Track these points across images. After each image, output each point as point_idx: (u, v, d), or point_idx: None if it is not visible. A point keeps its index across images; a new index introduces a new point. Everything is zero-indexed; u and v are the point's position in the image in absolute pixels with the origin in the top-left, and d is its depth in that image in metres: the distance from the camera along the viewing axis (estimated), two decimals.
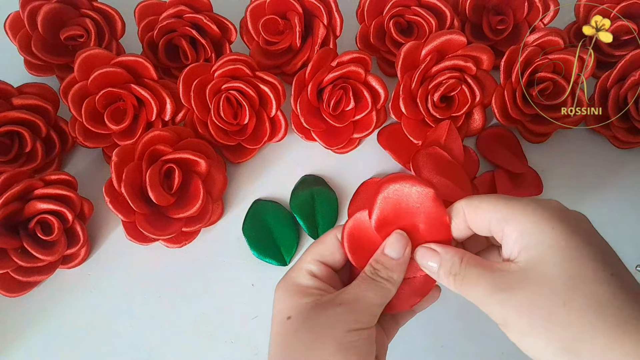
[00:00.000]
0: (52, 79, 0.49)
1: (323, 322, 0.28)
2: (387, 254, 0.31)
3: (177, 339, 0.43)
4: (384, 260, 0.30)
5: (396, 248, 0.30)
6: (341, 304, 0.29)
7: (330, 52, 0.46)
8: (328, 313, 0.28)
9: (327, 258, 0.31)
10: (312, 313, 0.29)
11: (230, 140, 0.46)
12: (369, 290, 0.30)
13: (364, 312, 0.29)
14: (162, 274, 0.45)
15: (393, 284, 0.30)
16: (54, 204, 0.41)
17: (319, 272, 0.31)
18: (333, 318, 0.28)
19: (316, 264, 0.31)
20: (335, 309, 0.29)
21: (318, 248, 0.32)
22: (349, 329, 0.28)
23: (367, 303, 0.29)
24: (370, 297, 0.29)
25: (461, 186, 0.44)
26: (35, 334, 0.43)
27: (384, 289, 0.30)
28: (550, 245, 0.26)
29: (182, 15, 0.47)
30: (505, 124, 0.47)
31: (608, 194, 0.48)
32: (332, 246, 0.32)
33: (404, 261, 0.30)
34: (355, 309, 0.29)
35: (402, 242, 0.31)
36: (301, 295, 0.30)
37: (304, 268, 0.31)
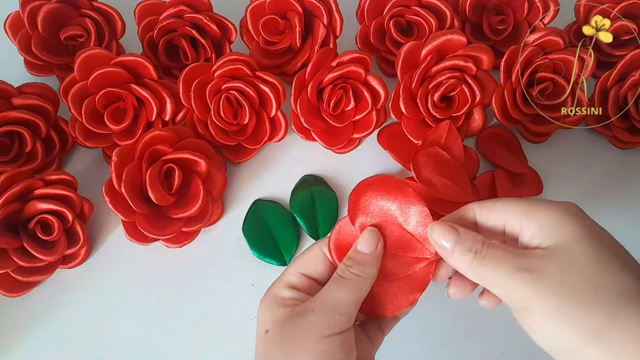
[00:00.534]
0: (52, 79, 0.49)
1: (296, 332, 0.28)
2: (360, 250, 0.30)
3: (177, 339, 0.43)
4: (355, 256, 0.30)
5: (368, 243, 0.30)
6: (313, 310, 0.28)
7: (330, 52, 0.46)
8: (301, 322, 0.28)
9: (309, 270, 0.31)
10: (286, 324, 0.28)
11: (230, 140, 0.46)
12: (339, 289, 0.29)
13: (336, 314, 0.28)
14: (162, 274, 0.45)
15: (365, 279, 0.30)
16: (54, 204, 0.41)
17: (300, 284, 0.31)
18: (305, 326, 0.28)
19: (297, 275, 0.31)
20: (307, 316, 0.28)
21: (301, 260, 0.32)
22: (322, 336, 0.27)
23: (338, 303, 0.29)
24: (341, 297, 0.29)
25: (461, 186, 0.44)
26: (35, 334, 0.43)
27: (354, 285, 0.29)
28: (576, 233, 0.26)
29: (182, 15, 0.47)
30: (505, 124, 0.47)
31: (608, 194, 0.48)
32: (316, 258, 0.31)
33: (376, 256, 0.30)
34: (327, 312, 0.28)
35: (374, 237, 0.31)
36: (278, 307, 0.29)
37: (285, 280, 0.31)
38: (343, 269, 0.30)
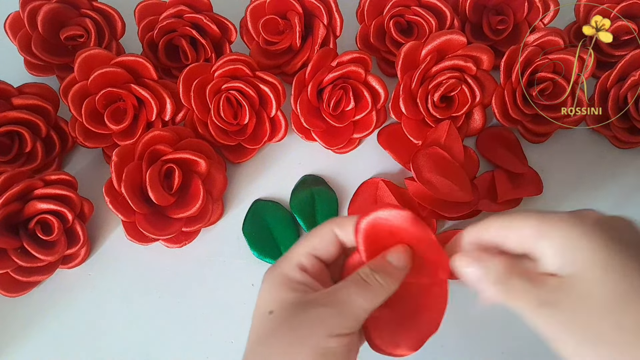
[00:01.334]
0: (52, 79, 0.49)
1: (304, 323, 0.27)
2: (390, 261, 0.29)
3: (177, 339, 0.43)
4: (385, 265, 0.29)
5: (401, 258, 0.29)
6: (325, 305, 0.27)
7: (330, 52, 0.46)
8: (311, 313, 0.27)
9: (320, 252, 0.30)
10: (294, 311, 0.27)
11: (230, 140, 0.46)
12: (358, 294, 0.28)
13: (349, 317, 0.27)
14: (162, 274, 0.45)
15: (386, 291, 0.29)
16: (54, 204, 0.41)
17: (310, 266, 0.29)
18: (315, 320, 0.27)
19: (308, 257, 0.30)
20: (319, 309, 0.27)
21: (313, 241, 0.30)
22: (330, 334, 0.26)
23: (354, 307, 0.28)
24: (359, 302, 0.28)
25: (461, 186, 0.45)
26: (35, 334, 0.43)
27: (375, 293, 0.28)
28: (590, 261, 0.24)
29: (182, 15, 0.47)
30: (505, 124, 0.47)
31: (608, 193, 0.48)
32: (328, 239, 0.30)
33: (404, 274, 0.29)
34: (341, 313, 0.27)
35: (408, 253, 0.30)
36: (287, 290, 0.28)
37: (295, 260, 0.29)
38: (368, 274, 0.29)
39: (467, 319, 0.43)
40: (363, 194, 0.47)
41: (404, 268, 0.29)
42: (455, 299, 0.42)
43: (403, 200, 0.46)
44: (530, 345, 0.43)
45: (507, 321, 0.44)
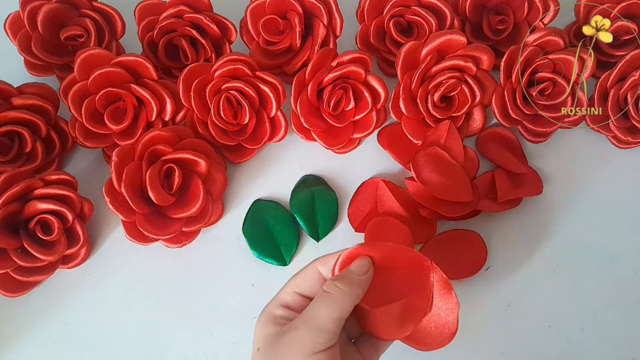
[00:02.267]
0: (52, 79, 0.49)
1: (281, 350, 0.28)
2: (350, 270, 0.31)
3: (176, 338, 0.43)
4: (344, 274, 0.31)
5: (360, 266, 0.32)
6: (297, 327, 0.29)
7: (330, 52, 0.46)
8: (285, 339, 0.29)
9: (304, 289, 0.32)
10: (274, 342, 0.29)
11: (230, 140, 0.46)
12: (322, 305, 0.29)
13: (320, 331, 0.28)
14: (162, 274, 0.45)
15: (349, 296, 0.30)
16: (54, 204, 0.41)
17: (293, 303, 0.31)
18: (290, 344, 0.28)
19: (292, 294, 0.31)
20: (292, 333, 0.29)
21: (296, 279, 0.32)
22: (307, 353, 0.27)
23: (320, 319, 0.29)
24: (324, 312, 0.29)
25: (461, 186, 0.45)
26: (35, 334, 0.43)
27: (338, 300, 0.30)
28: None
29: (182, 15, 0.47)
30: (505, 124, 0.47)
31: (608, 193, 0.48)
32: (311, 278, 0.32)
33: (365, 279, 0.31)
34: (309, 329, 0.28)
35: (367, 262, 0.32)
36: (270, 325, 0.30)
37: (280, 299, 0.31)
38: (329, 284, 0.30)
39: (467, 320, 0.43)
40: (363, 194, 0.47)
41: (364, 273, 0.31)
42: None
43: (403, 200, 0.46)
44: (530, 345, 0.43)
45: (507, 321, 0.44)
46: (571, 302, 0.44)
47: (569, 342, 0.43)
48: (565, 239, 0.46)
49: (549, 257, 0.46)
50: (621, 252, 0.46)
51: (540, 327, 0.43)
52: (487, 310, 0.44)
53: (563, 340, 0.43)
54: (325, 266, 0.32)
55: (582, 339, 0.43)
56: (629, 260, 0.46)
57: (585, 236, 0.47)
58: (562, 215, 0.47)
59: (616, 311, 0.44)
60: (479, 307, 0.44)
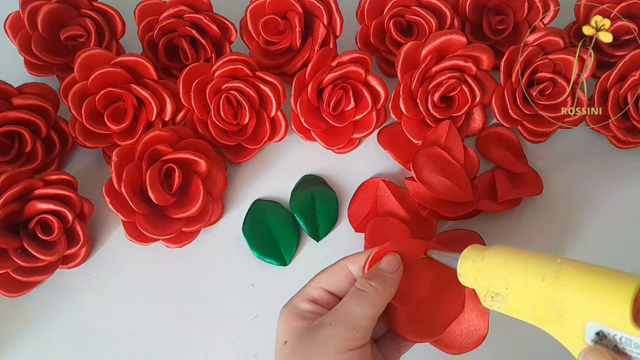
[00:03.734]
0: (52, 79, 0.49)
1: (314, 346, 0.28)
2: (381, 268, 0.31)
3: (176, 338, 0.43)
4: (377, 272, 0.31)
5: (391, 264, 0.32)
6: (331, 323, 0.29)
7: (330, 52, 0.46)
8: (319, 335, 0.28)
9: (331, 286, 0.32)
10: (304, 337, 0.29)
11: (230, 140, 0.46)
12: (356, 303, 0.30)
13: (355, 328, 0.28)
14: (161, 274, 0.45)
15: (383, 294, 0.30)
16: (54, 204, 0.41)
17: (320, 298, 0.31)
18: (324, 340, 0.28)
19: (318, 290, 0.32)
20: (325, 330, 0.28)
21: (323, 275, 0.32)
22: (339, 350, 0.28)
23: (355, 317, 0.29)
24: (359, 311, 0.29)
25: (461, 186, 0.45)
26: (35, 334, 0.43)
27: (372, 299, 0.30)
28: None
29: (182, 15, 0.47)
30: (505, 124, 0.47)
31: (608, 193, 0.48)
32: (339, 275, 0.32)
33: (397, 277, 0.31)
34: (344, 326, 0.28)
35: (397, 259, 0.32)
36: (297, 319, 0.30)
37: (305, 293, 0.32)
38: (362, 282, 0.30)
39: None
40: (363, 194, 0.47)
41: (395, 271, 0.31)
42: None
43: (403, 200, 0.46)
44: (530, 346, 0.43)
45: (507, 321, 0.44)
46: None
47: None
48: (565, 239, 0.46)
49: None
50: (621, 252, 0.46)
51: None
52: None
53: None
54: (355, 264, 0.32)
55: None
56: (628, 260, 0.46)
57: (585, 236, 0.47)
58: (562, 215, 0.47)
59: None
60: None
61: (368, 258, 0.32)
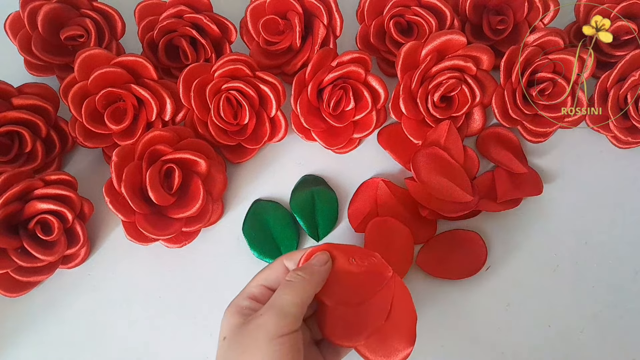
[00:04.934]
0: (52, 79, 0.49)
1: (248, 336, 0.30)
2: (310, 262, 0.34)
3: (176, 338, 0.43)
4: (306, 265, 0.33)
5: (320, 258, 0.34)
6: (262, 314, 0.30)
7: (330, 52, 0.46)
8: (252, 326, 0.30)
9: (271, 282, 0.33)
10: (240, 330, 0.30)
11: (230, 140, 0.46)
12: (285, 292, 0.31)
13: (284, 315, 0.30)
14: (162, 274, 0.45)
15: (310, 282, 0.32)
16: (54, 204, 0.41)
17: (260, 295, 0.33)
18: (256, 330, 0.30)
19: (258, 287, 0.33)
20: (257, 320, 0.30)
21: (263, 274, 0.34)
22: (272, 337, 0.29)
23: (284, 305, 0.31)
24: (286, 298, 0.31)
25: (461, 186, 0.45)
26: (35, 334, 0.43)
27: (299, 287, 0.32)
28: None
29: (182, 15, 0.47)
30: (505, 124, 0.47)
31: (608, 193, 0.48)
32: (276, 271, 0.34)
33: (324, 270, 0.34)
34: (274, 314, 0.30)
35: (326, 256, 0.34)
36: (237, 316, 0.31)
37: (246, 291, 0.33)
38: (291, 274, 0.33)
39: (467, 319, 0.43)
40: (363, 194, 0.47)
41: (323, 264, 0.34)
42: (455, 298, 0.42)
43: (403, 200, 0.46)
44: (530, 346, 0.43)
45: (507, 321, 0.44)
46: (571, 302, 0.44)
47: (569, 342, 0.43)
48: (565, 239, 0.46)
49: (549, 257, 0.46)
50: (621, 252, 0.46)
51: (540, 327, 0.43)
52: (487, 310, 0.44)
53: (563, 340, 0.43)
54: (291, 261, 0.34)
55: (582, 339, 0.43)
56: (629, 260, 0.46)
57: (585, 236, 0.47)
58: (562, 215, 0.47)
59: (616, 311, 0.44)
60: (479, 307, 0.44)
61: (303, 256, 0.34)
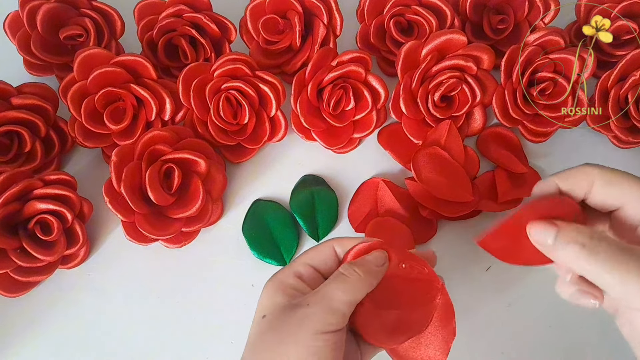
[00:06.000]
0: (51, 78, 0.49)
1: (290, 324, 0.28)
2: (367, 259, 0.31)
3: (176, 339, 0.43)
4: (362, 262, 0.31)
5: (379, 256, 0.32)
6: (309, 304, 0.29)
7: (330, 52, 0.46)
8: (297, 314, 0.28)
9: (318, 264, 0.32)
10: (282, 314, 0.29)
11: (230, 140, 0.46)
12: (338, 287, 0.29)
13: (331, 311, 0.28)
14: (161, 274, 0.45)
15: (364, 282, 0.30)
16: (53, 204, 0.41)
17: (306, 275, 0.31)
18: (300, 320, 0.28)
19: (305, 266, 0.32)
20: (304, 309, 0.28)
21: (311, 253, 0.32)
22: (317, 332, 0.27)
23: (334, 300, 0.29)
24: (337, 294, 0.29)
25: (461, 186, 0.44)
26: (35, 334, 0.43)
27: (353, 285, 0.30)
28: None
29: (182, 15, 0.47)
30: (505, 124, 0.47)
31: None
32: (325, 253, 0.32)
33: (380, 270, 0.32)
34: (323, 308, 0.28)
35: (384, 256, 0.32)
36: (281, 294, 0.30)
37: (293, 268, 0.31)
38: (346, 267, 0.31)
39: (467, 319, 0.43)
40: (363, 194, 0.47)
41: (381, 265, 0.32)
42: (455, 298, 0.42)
43: (403, 200, 0.46)
44: (530, 346, 0.43)
45: (507, 321, 0.44)
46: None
47: (569, 343, 0.43)
48: None
49: None
50: None
51: (540, 327, 0.43)
52: (487, 310, 0.44)
53: (564, 340, 0.43)
54: (341, 247, 0.32)
55: (582, 339, 0.43)
56: None
57: None
58: None
59: None
60: (480, 307, 0.44)
61: (355, 246, 0.32)
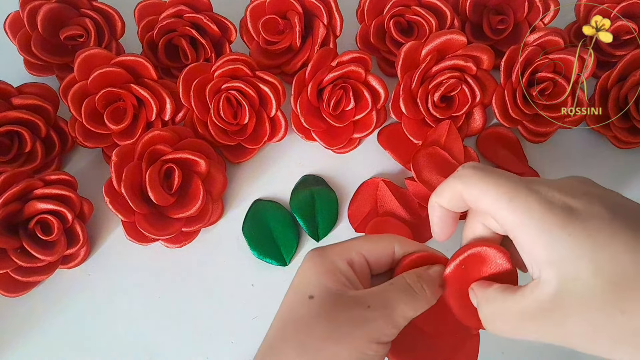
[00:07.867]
0: (52, 78, 0.49)
1: (348, 320, 0.26)
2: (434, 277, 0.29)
3: (177, 339, 0.43)
4: (429, 279, 0.29)
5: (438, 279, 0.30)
6: (370, 306, 0.27)
7: (330, 52, 0.46)
8: (353, 312, 0.26)
9: (372, 256, 0.30)
10: (335, 305, 0.27)
11: (230, 140, 0.46)
12: (402, 299, 0.27)
13: (392, 323, 0.27)
14: (161, 274, 0.45)
15: (427, 302, 0.28)
16: (53, 204, 0.41)
17: (358, 265, 0.29)
18: (356, 321, 0.26)
19: (359, 255, 0.29)
20: (363, 311, 0.26)
21: (368, 244, 0.30)
22: (371, 339, 0.26)
23: (397, 312, 0.27)
24: (402, 308, 0.27)
25: None
26: (35, 334, 0.43)
27: (418, 302, 0.28)
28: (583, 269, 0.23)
29: (182, 15, 0.47)
30: (505, 124, 0.47)
31: None
32: (383, 249, 0.30)
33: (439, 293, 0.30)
34: (384, 317, 0.26)
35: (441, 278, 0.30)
36: (331, 279, 0.27)
37: (346, 253, 0.29)
38: (415, 281, 0.28)
39: None
40: (363, 194, 0.47)
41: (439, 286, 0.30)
42: None
43: (403, 200, 0.46)
44: (530, 346, 0.43)
45: None
46: None
47: None
48: None
49: None
50: None
51: None
52: None
53: None
54: (402, 248, 0.30)
55: None
56: None
57: None
58: None
59: None
60: None
61: (414, 253, 0.30)
